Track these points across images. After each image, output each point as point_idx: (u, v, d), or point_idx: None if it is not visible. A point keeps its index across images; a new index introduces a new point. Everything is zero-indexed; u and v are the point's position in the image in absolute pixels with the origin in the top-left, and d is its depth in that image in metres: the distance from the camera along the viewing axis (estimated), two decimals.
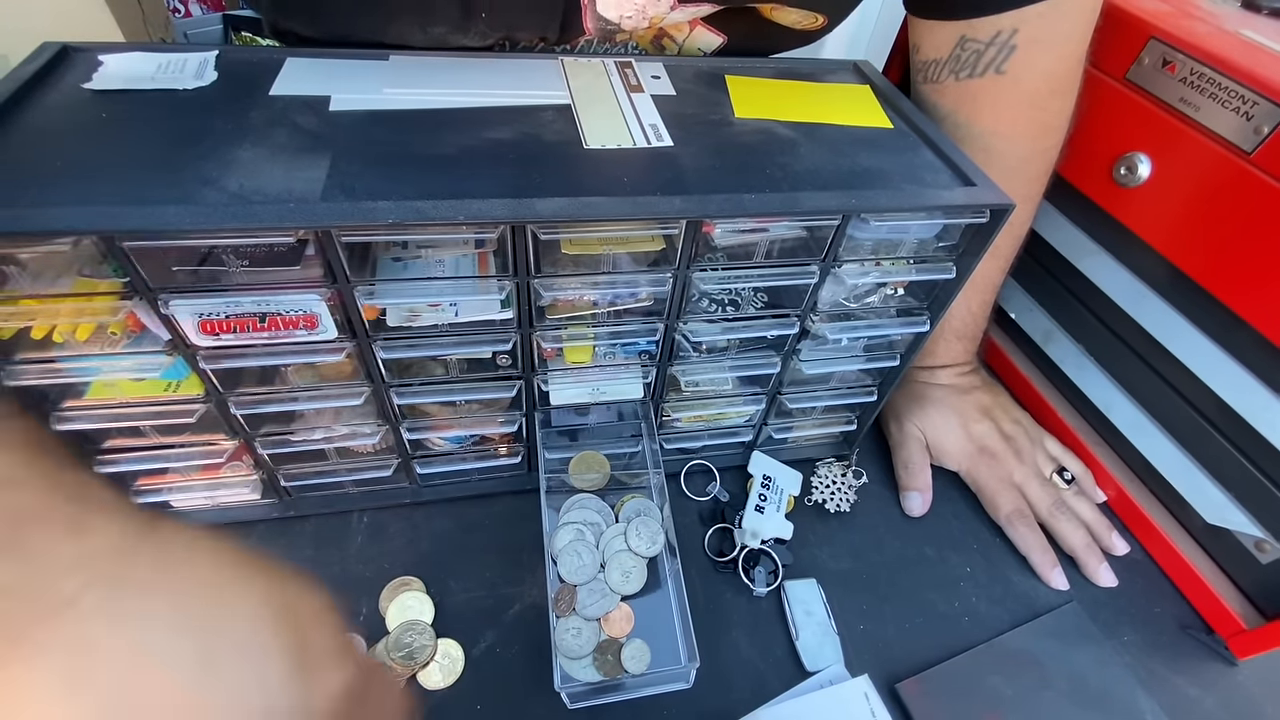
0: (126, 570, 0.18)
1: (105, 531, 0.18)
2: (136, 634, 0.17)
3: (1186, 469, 0.48)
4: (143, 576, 0.18)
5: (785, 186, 0.36)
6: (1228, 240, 0.42)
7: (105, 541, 0.18)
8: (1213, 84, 0.41)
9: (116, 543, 0.18)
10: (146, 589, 0.18)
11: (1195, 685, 0.45)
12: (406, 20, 0.40)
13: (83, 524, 0.18)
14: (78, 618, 0.17)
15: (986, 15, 0.42)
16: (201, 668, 0.18)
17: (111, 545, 0.18)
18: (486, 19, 0.39)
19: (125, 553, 0.18)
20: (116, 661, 0.17)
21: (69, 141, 0.32)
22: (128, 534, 0.19)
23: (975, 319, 0.54)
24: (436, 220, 0.30)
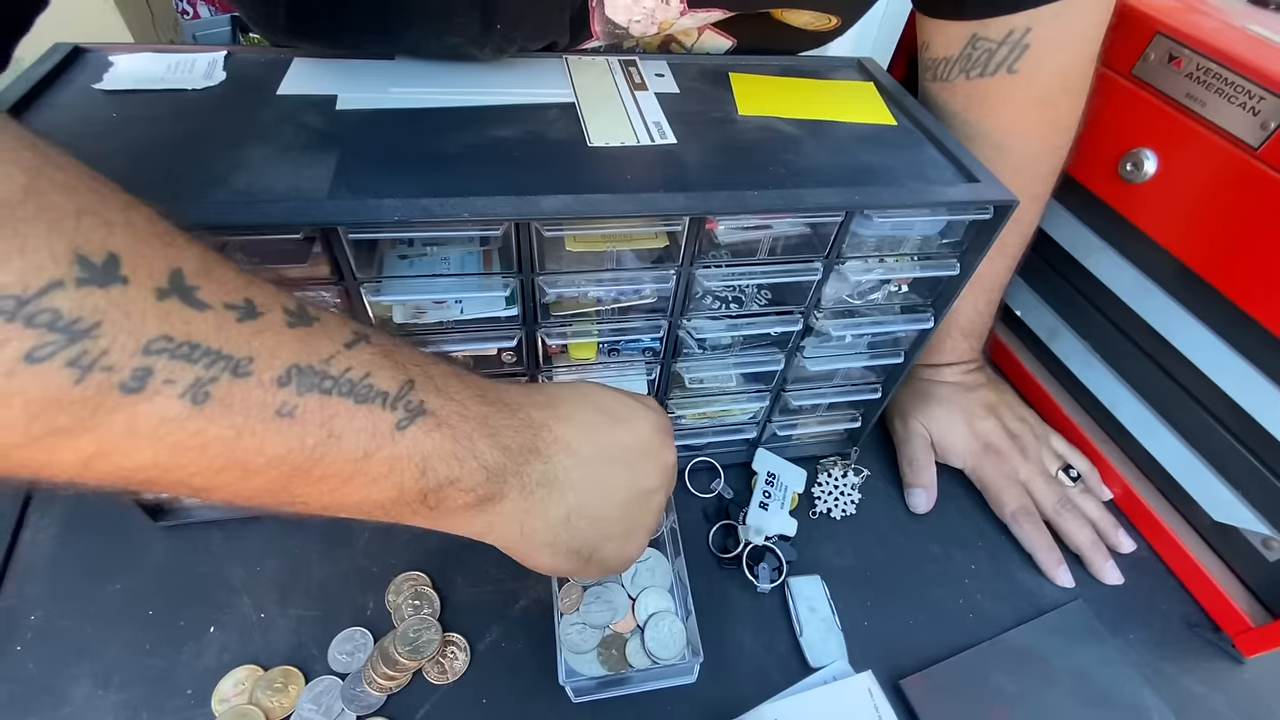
0: (538, 397, 0.30)
1: (506, 385, 0.30)
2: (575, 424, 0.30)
3: (1193, 466, 0.48)
4: (544, 398, 0.31)
5: (789, 183, 0.36)
6: (1234, 236, 0.42)
7: (517, 390, 0.30)
8: (1219, 79, 0.41)
9: (520, 389, 0.30)
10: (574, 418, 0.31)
11: (1202, 683, 0.44)
12: (423, 31, 0.40)
13: (499, 385, 0.29)
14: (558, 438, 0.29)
15: (1000, 15, 0.42)
16: (614, 421, 0.32)
17: (520, 391, 0.30)
18: (502, 29, 0.40)
19: (529, 392, 0.31)
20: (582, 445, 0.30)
21: (81, 140, 0.33)
22: (518, 386, 0.31)
23: (981, 317, 0.54)
24: (442, 218, 0.31)
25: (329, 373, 0.22)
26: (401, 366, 0.24)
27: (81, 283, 0.17)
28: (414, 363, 0.25)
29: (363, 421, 0.23)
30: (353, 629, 0.41)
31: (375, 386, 0.23)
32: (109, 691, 0.38)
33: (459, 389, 0.26)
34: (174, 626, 0.41)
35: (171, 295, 0.19)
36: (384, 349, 0.24)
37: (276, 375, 0.21)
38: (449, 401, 0.25)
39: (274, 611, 0.42)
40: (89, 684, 0.38)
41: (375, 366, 0.23)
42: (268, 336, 0.21)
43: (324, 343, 0.22)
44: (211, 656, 0.40)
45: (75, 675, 0.38)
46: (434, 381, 0.25)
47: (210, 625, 0.41)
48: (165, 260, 0.19)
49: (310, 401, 0.22)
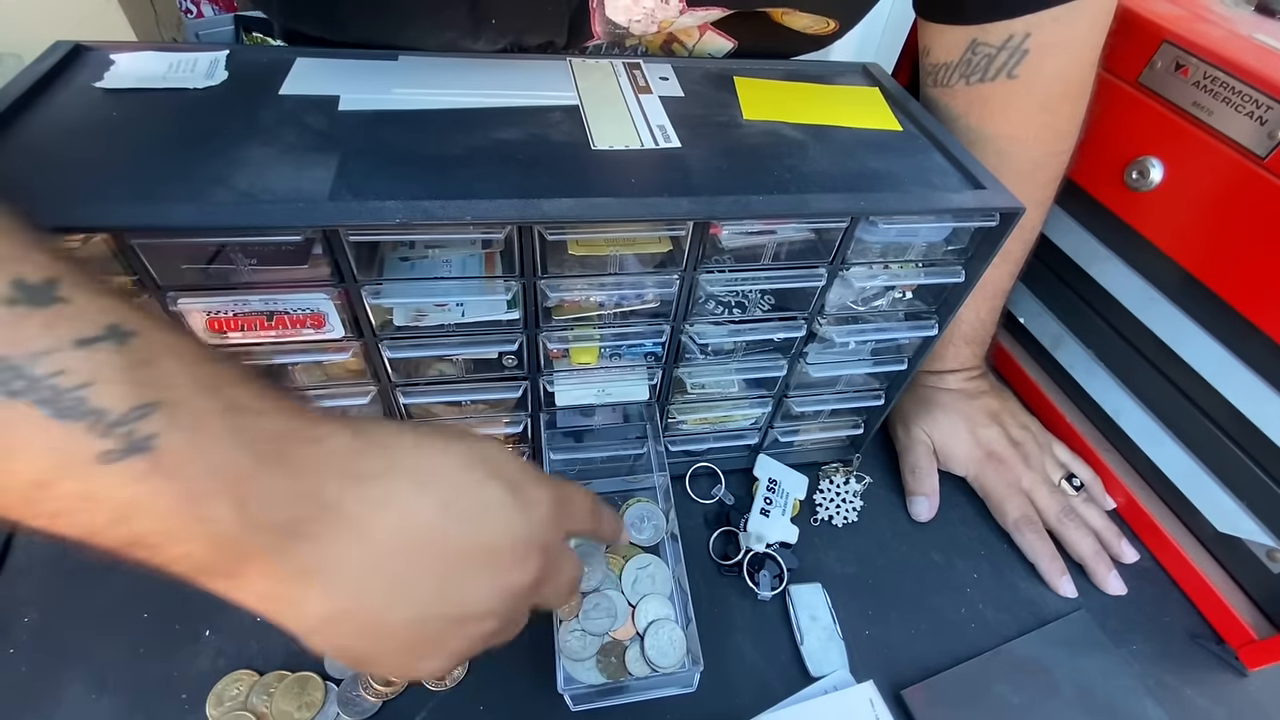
0: (365, 463, 0.23)
1: (334, 436, 0.23)
2: (391, 513, 0.23)
3: (1197, 476, 0.47)
4: (377, 465, 0.24)
5: (793, 188, 0.36)
6: (1240, 245, 0.42)
7: (338, 443, 0.23)
8: (1226, 88, 0.41)
9: (347, 442, 0.23)
10: (383, 475, 0.24)
11: (1205, 696, 0.44)
12: (418, 26, 0.40)
13: (317, 434, 0.23)
14: (347, 511, 0.22)
15: (1000, 20, 0.42)
16: (444, 514, 0.24)
17: (344, 445, 0.23)
18: (496, 25, 0.39)
19: (356, 450, 0.23)
20: (386, 536, 0.23)
21: (80, 139, 0.33)
22: (348, 435, 0.24)
23: (984, 324, 0.53)
24: (444, 220, 0.30)
25: (25, 371, 0.17)
26: (146, 385, 0.19)
27: None
28: (177, 384, 0.19)
29: (53, 441, 0.18)
30: None
31: (88, 402, 0.18)
32: (103, 695, 0.38)
33: (221, 431, 0.20)
34: (169, 630, 0.40)
35: None
36: (138, 357, 0.19)
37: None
38: (192, 445, 0.19)
39: None
40: (82, 687, 0.38)
41: (105, 377, 0.18)
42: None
43: (41, 333, 0.17)
44: (207, 661, 0.39)
45: (69, 679, 0.38)
46: (186, 414, 0.19)
47: (206, 629, 0.40)
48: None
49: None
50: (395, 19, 0.40)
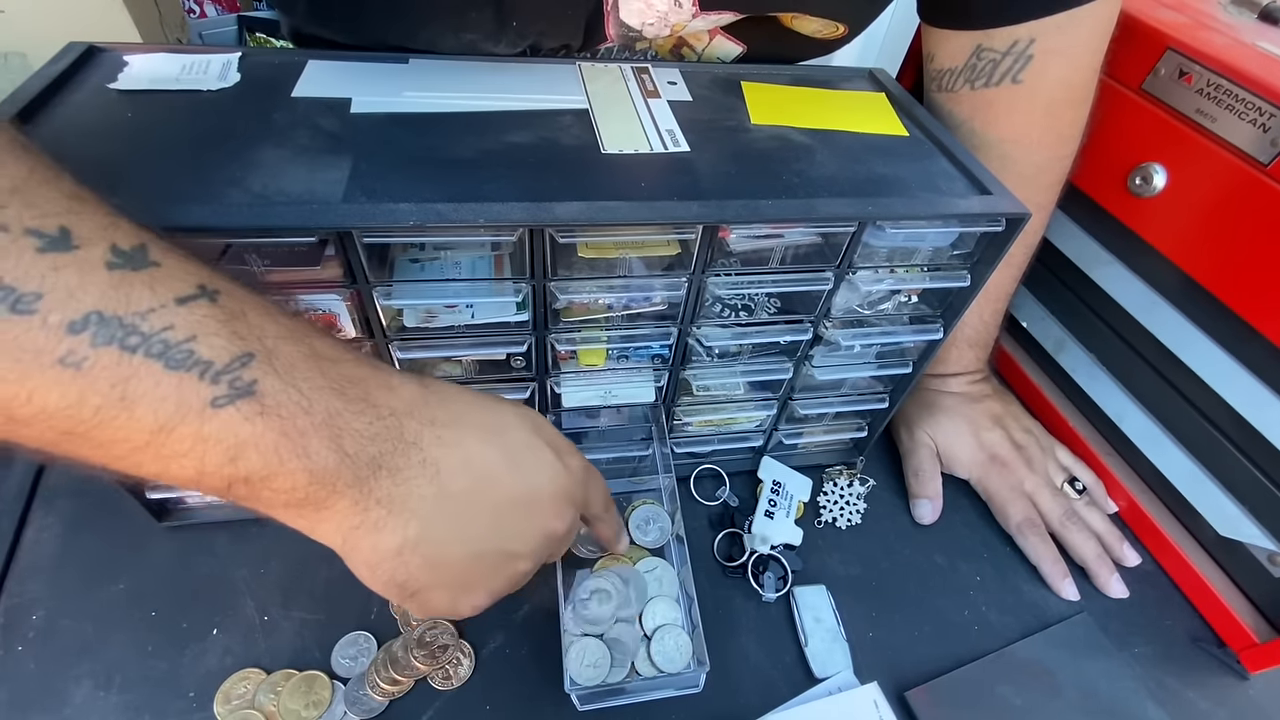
0: (437, 410, 0.26)
1: (406, 385, 0.26)
2: (461, 457, 0.26)
3: (1199, 480, 0.48)
4: (446, 413, 0.26)
5: (802, 193, 0.36)
6: (1242, 251, 0.42)
7: (411, 392, 0.26)
8: (1230, 95, 0.41)
9: (418, 392, 0.26)
10: (453, 422, 0.26)
11: (1206, 699, 0.44)
12: (440, 27, 0.40)
13: (391, 382, 0.26)
14: (423, 450, 0.25)
15: (1004, 26, 0.42)
16: (504, 463, 0.28)
17: (416, 394, 0.26)
18: (517, 27, 0.40)
19: (426, 399, 0.26)
20: (455, 476, 0.26)
21: (95, 140, 0.33)
22: (419, 386, 0.27)
23: (987, 327, 0.54)
24: (457, 223, 0.31)
25: (139, 328, 0.19)
26: (242, 337, 0.21)
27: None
28: (267, 335, 0.21)
29: (168, 389, 0.19)
30: (356, 633, 0.41)
31: (196, 354, 0.20)
32: (110, 692, 0.38)
33: (311, 375, 0.22)
34: (177, 628, 0.40)
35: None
36: (230, 311, 0.21)
37: (68, 319, 0.18)
38: (289, 388, 0.21)
39: (277, 614, 0.42)
40: (90, 685, 0.38)
41: (206, 330, 0.20)
42: (70, 274, 0.18)
43: (146, 293, 0.19)
44: (214, 659, 0.39)
45: (77, 676, 0.38)
46: (280, 360, 0.21)
47: (213, 627, 0.41)
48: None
49: (106, 356, 0.18)
50: (419, 20, 0.40)
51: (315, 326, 0.24)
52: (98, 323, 0.18)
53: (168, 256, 0.20)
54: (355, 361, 0.24)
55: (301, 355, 0.22)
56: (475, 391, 0.29)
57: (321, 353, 0.23)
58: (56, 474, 0.46)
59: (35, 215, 0.18)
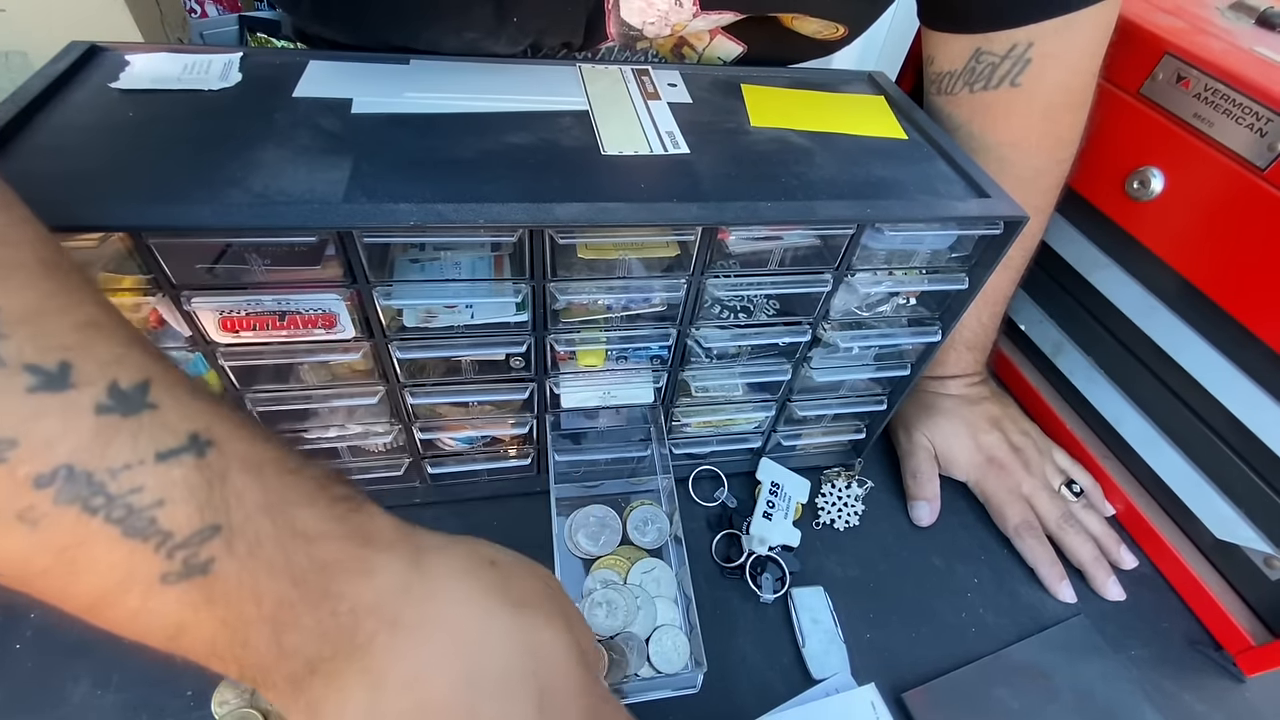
0: (407, 609, 0.22)
1: (389, 570, 0.22)
2: (411, 671, 0.21)
3: (1196, 483, 0.48)
4: (418, 614, 0.22)
5: (801, 195, 0.36)
6: (1240, 255, 0.42)
7: (390, 580, 0.22)
8: (1227, 100, 0.42)
9: (399, 580, 0.22)
10: (421, 626, 0.22)
11: (1202, 701, 0.44)
12: (442, 26, 0.40)
13: (372, 565, 0.22)
14: (370, 657, 0.21)
15: (1003, 29, 0.43)
16: (462, 692, 0.22)
17: (395, 584, 0.22)
18: (518, 23, 0.40)
19: (406, 590, 0.22)
20: (396, 695, 0.21)
21: (97, 139, 0.33)
22: (405, 572, 0.22)
23: (986, 330, 0.54)
24: (457, 223, 0.31)
25: (106, 487, 0.17)
26: (214, 506, 0.19)
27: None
28: (245, 503, 0.20)
29: (119, 558, 0.18)
30: None
31: (158, 522, 0.18)
32: (108, 692, 0.38)
33: (275, 557, 0.20)
34: None
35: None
36: (214, 470, 0.19)
37: (37, 472, 0.17)
38: (245, 571, 0.19)
39: None
40: (88, 683, 0.38)
41: (175, 496, 0.18)
42: (53, 421, 0.17)
43: (127, 445, 0.18)
44: None
45: (74, 675, 0.38)
46: (246, 538, 0.19)
47: None
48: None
49: (64, 516, 0.17)
50: (421, 18, 0.40)
51: (313, 488, 0.21)
52: (66, 477, 0.17)
53: (169, 396, 0.19)
54: (339, 538, 0.21)
55: (273, 533, 0.20)
56: (483, 580, 0.24)
57: (301, 528, 0.21)
58: None
59: (38, 349, 0.17)
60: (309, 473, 0.22)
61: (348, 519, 0.22)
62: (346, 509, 0.22)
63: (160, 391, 0.19)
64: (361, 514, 0.22)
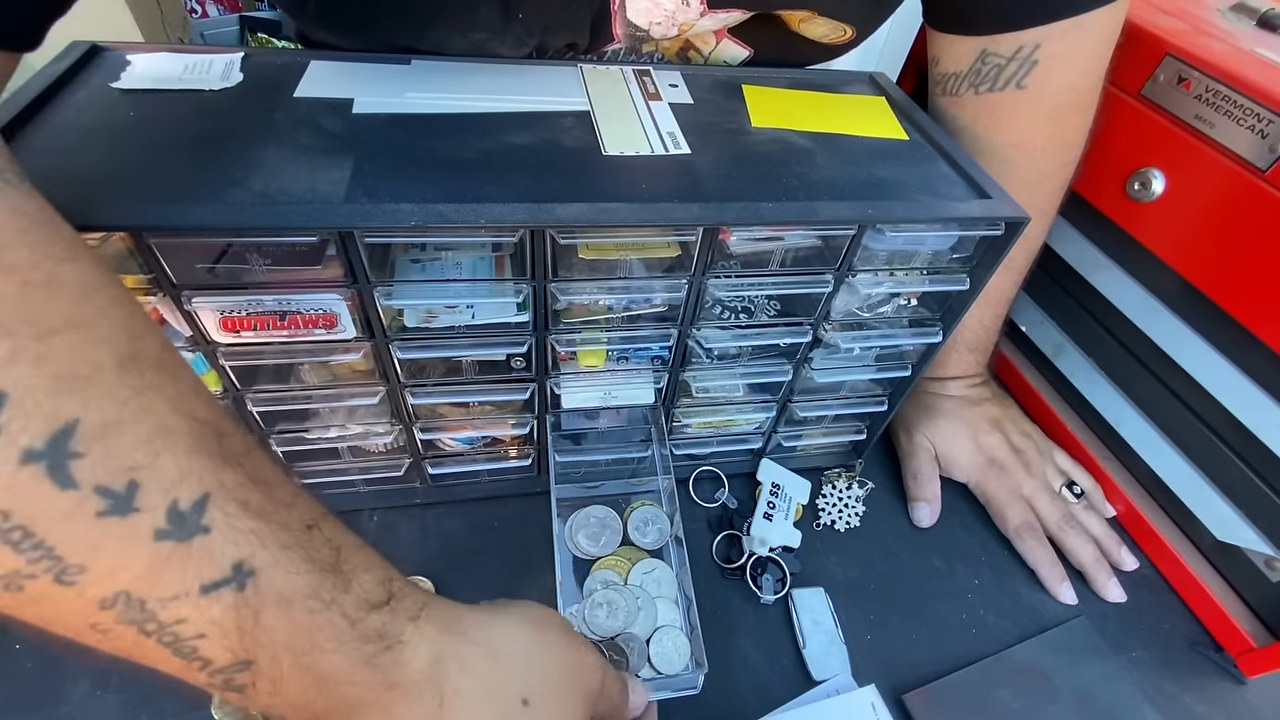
0: None
1: (409, 710, 0.24)
2: None
3: (1197, 485, 0.48)
4: None
5: (802, 196, 0.36)
6: (1241, 256, 0.42)
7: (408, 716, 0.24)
8: (1228, 101, 0.42)
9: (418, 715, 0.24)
10: None
11: (1203, 703, 0.44)
12: (449, 27, 0.40)
13: (393, 710, 0.24)
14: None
15: (1010, 32, 0.42)
16: None
17: None
18: (523, 22, 0.40)
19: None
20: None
21: (98, 139, 0.33)
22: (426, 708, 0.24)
23: (987, 331, 0.54)
24: (458, 223, 0.31)
25: (158, 616, 0.20)
26: (247, 645, 0.21)
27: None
28: (276, 639, 0.21)
29: (174, 668, 0.21)
30: None
31: (199, 651, 0.20)
32: (107, 692, 0.38)
33: (298, 695, 0.22)
34: None
35: (40, 460, 0.17)
36: (251, 606, 0.21)
37: (102, 596, 0.19)
38: (273, 700, 0.22)
39: None
40: (88, 683, 0.38)
41: (214, 632, 0.20)
42: (115, 549, 0.19)
43: (176, 575, 0.19)
44: None
45: (74, 675, 0.38)
46: (273, 675, 0.21)
47: None
48: (56, 414, 0.18)
49: (125, 632, 0.20)
50: (428, 19, 0.40)
51: (339, 628, 0.22)
52: (124, 603, 0.19)
53: (221, 515, 0.20)
54: (363, 684, 0.23)
55: (298, 670, 0.22)
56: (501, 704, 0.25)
57: (325, 672, 0.22)
58: None
59: (110, 470, 0.18)
60: (342, 605, 0.22)
61: (375, 662, 0.23)
62: (375, 650, 0.23)
63: (215, 510, 0.20)
64: (389, 655, 0.23)
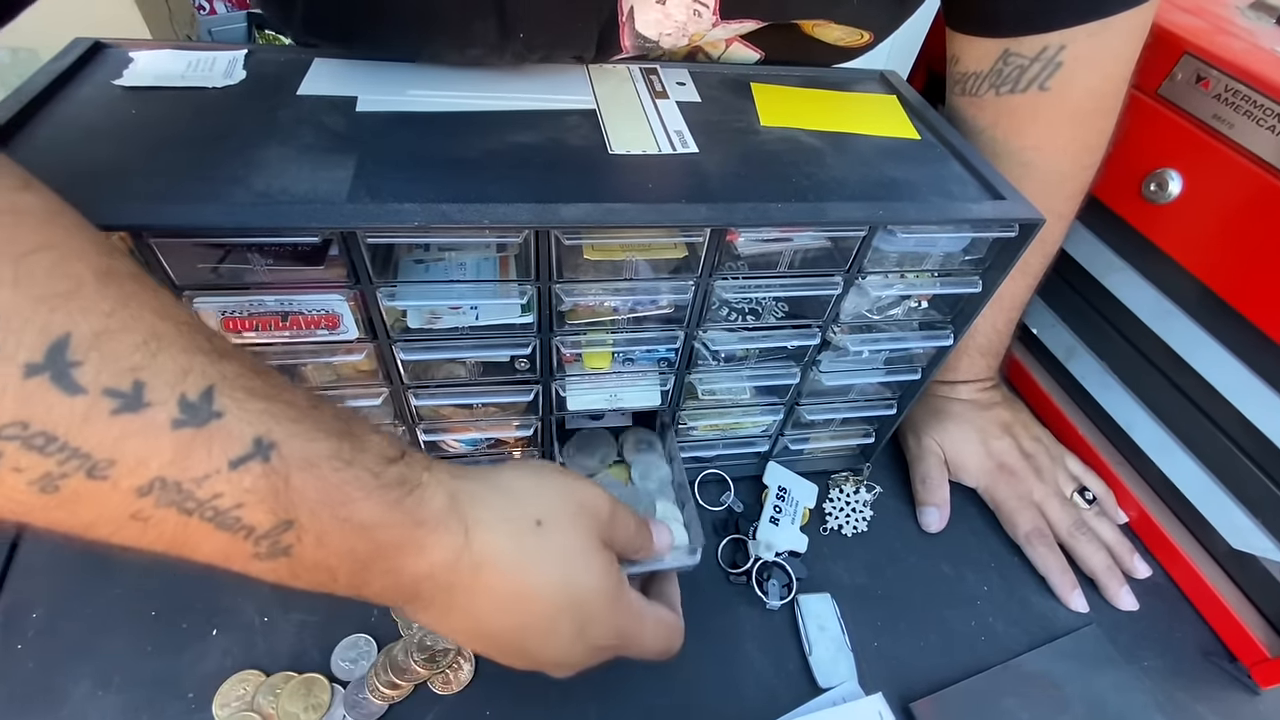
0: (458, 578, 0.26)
1: (439, 547, 0.26)
2: (471, 616, 0.27)
3: (1211, 492, 0.47)
4: (470, 582, 0.27)
5: (811, 196, 0.35)
6: (1259, 259, 0.41)
7: (441, 555, 0.26)
8: (1248, 101, 0.41)
9: (449, 556, 0.26)
10: (471, 591, 0.27)
11: (1216, 713, 0.44)
12: (442, 42, 0.39)
13: (424, 544, 0.26)
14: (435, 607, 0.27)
15: (1034, 34, 0.41)
16: (517, 632, 0.28)
17: (446, 559, 0.26)
18: (524, 39, 0.39)
19: (455, 564, 0.26)
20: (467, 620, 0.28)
21: (100, 137, 0.33)
22: (454, 548, 0.26)
23: (1000, 335, 0.53)
24: (461, 223, 0.30)
25: (195, 494, 0.21)
26: (284, 506, 0.22)
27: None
28: (308, 499, 0.23)
29: (218, 544, 0.22)
30: (356, 635, 0.41)
31: (241, 520, 0.21)
32: (109, 692, 0.37)
33: (340, 545, 0.24)
34: (176, 629, 0.40)
35: (42, 373, 0.18)
36: (279, 475, 0.22)
37: (137, 485, 0.20)
38: (318, 553, 0.23)
39: (277, 616, 0.41)
40: (89, 684, 0.38)
41: (251, 500, 0.21)
42: (138, 440, 0.19)
43: (203, 456, 0.20)
44: (213, 660, 0.39)
45: (76, 675, 0.38)
46: (314, 531, 0.23)
47: (212, 628, 0.40)
48: (47, 329, 0.18)
49: (168, 515, 0.21)
50: (421, 35, 0.39)
51: (364, 480, 0.24)
52: (160, 488, 0.20)
53: (230, 401, 0.21)
54: (395, 525, 0.25)
55: (336, 527, 0.23)
56: (524, 548, 0.28)
57: (360, 520, 0.24)
58: None
59: (113, 373, 0.19)
60: (363, 461, 0.24)
61: (401, 505, 0.25)
62: (399, 494, 0.25)
63: (223, 397, 0.21)
64: (413, 497, 0.25)
